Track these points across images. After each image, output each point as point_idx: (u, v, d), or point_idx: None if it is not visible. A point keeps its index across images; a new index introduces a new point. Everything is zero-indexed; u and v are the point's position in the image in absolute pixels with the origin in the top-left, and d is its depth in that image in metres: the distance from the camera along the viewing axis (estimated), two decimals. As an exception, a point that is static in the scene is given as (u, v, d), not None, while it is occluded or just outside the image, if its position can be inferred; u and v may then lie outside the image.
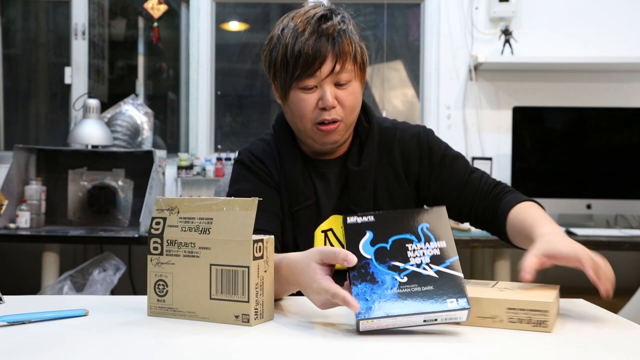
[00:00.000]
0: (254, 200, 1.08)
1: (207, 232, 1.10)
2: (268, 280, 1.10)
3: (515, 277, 2.87)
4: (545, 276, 3.54)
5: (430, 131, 1.53)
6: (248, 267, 1.06)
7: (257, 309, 1.07)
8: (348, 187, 1.46)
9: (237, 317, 1.07)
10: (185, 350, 0.94)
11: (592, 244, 2.67)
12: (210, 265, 1.09)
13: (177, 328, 1.06)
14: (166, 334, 1.03)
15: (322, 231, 1.46)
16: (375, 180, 1.47)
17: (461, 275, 0.99)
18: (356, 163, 1.46)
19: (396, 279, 0.97)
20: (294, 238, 1.46)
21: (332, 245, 1.41)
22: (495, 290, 1.14)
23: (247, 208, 1.08)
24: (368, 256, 0.99)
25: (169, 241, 1.13)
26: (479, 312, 1.08)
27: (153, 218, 1.15)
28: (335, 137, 1.42)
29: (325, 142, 1.43)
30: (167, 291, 1.13)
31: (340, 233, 1.47)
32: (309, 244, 1.43)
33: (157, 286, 1.14)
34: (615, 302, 2.55)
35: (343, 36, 1.37)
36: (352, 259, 1.01)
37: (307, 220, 1.45)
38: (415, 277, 0.98)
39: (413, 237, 1.00)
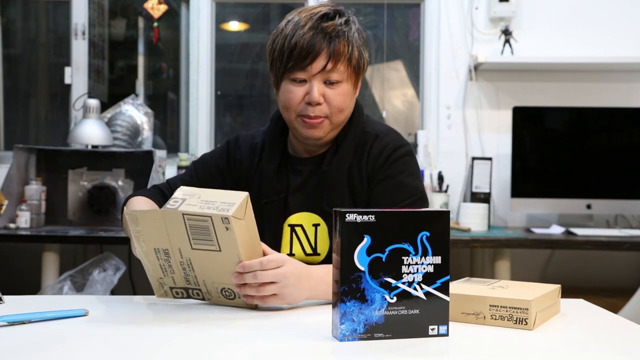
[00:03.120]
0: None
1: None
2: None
3: (515, 277, 2.86)
4: (546, 276, 3.51)
5: (406, 152, 1.48)
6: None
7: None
8: (319, 186, 1.47)
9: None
10: (186, 350, 0.94)
11: (592, 244, 2.67)
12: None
13: (177, 328, 1.06)
14: (166, 334, 1.03)
15: (289, 225, 1.49)
16: (347, 182, 1.46)
17: (448, 299, 1.01)
18: (328, 163, 1.47)
19: (385, 299, 0.98)
20: (260, 230, 1.48)
21: (299, 240, 1.48)
22: (485, 288, 1.15)
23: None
24: (362, 268, 0.96)
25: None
26: (462, 309, 1.09)
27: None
28: (319, 132, 1.43)
29: (308, 136, 1.44)
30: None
31: (311, 231, 1.48)
32: (274, 237, 1.47)
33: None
34: (615, 302, 2.55)
35: (342, 37, 1.39)
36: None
37: (275, 214, 1.48)
38: (404, 298, 0.99)
39: (411, 249, 0.99)
